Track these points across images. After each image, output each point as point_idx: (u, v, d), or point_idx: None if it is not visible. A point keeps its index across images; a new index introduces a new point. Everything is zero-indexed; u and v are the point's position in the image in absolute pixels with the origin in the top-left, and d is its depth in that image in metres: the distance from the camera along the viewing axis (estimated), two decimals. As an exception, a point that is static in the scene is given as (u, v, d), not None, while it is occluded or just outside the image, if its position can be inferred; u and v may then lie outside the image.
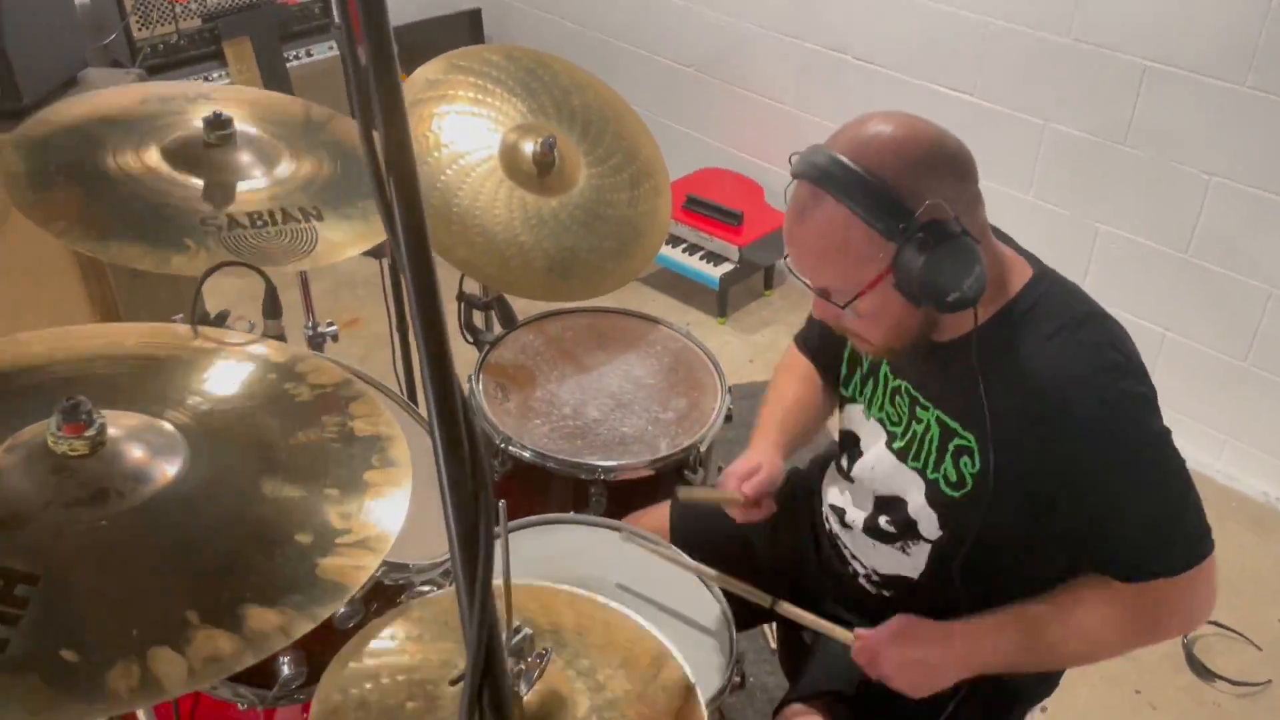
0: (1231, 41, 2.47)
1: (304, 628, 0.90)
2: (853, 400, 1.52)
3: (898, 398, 1.42)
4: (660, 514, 1.73)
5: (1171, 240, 2.75)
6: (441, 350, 0.52)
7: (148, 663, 0.84)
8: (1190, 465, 1.26)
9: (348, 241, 1.56)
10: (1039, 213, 2.97)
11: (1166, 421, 1.25)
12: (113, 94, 1.75)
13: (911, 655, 1.35)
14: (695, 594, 1.52)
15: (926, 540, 1.40)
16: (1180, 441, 1.25)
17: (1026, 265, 1.32)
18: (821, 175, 1.20)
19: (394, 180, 0.53)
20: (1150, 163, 2.71)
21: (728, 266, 3.46)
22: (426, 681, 1.13)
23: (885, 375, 1.44)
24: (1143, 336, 2.98)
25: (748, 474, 1.52)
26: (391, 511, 1.01)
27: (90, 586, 0.90)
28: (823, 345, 1.62)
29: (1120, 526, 1.25)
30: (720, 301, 3.52)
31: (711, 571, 1.51)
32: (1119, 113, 2.72)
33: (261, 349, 1.23)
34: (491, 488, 0.53)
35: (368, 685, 1.12)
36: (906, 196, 1.17)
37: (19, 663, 0.83)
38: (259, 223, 1.53)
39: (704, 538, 1.63)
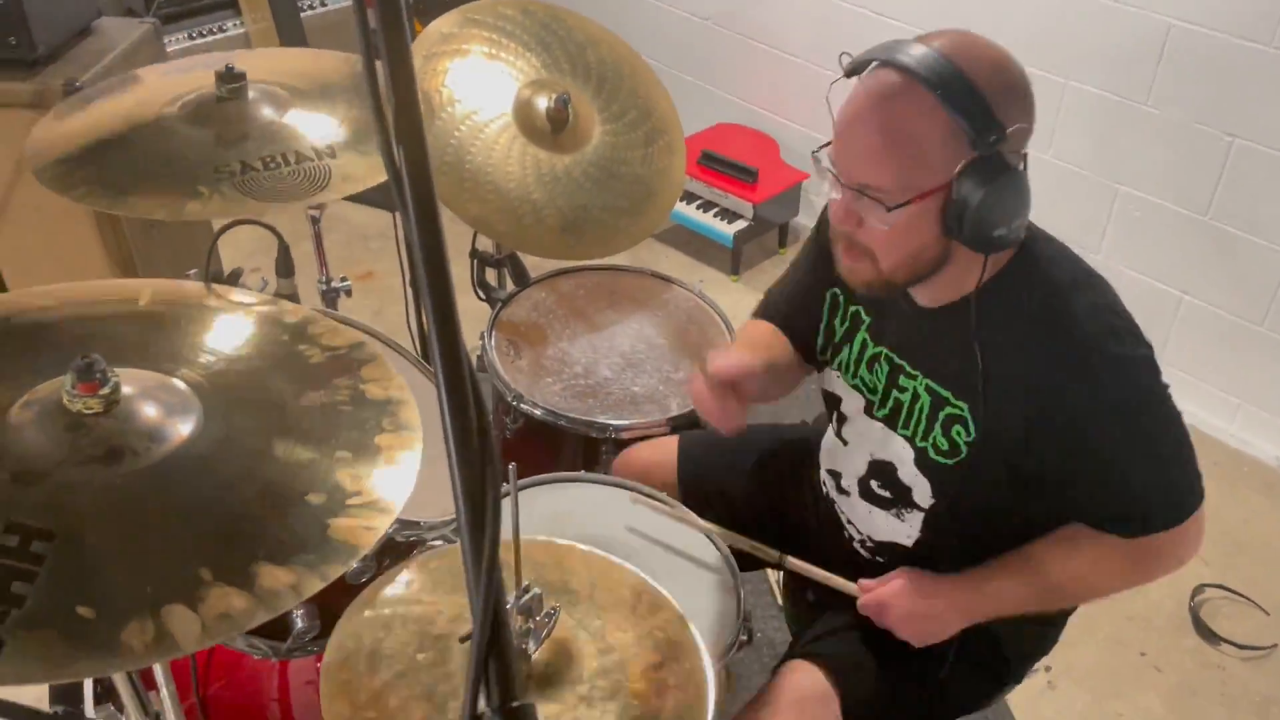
0: (1259, 1, 2.42)
1: (314, 587, 0.91)
2: (828, 364, 1.52)
3: (876, 365, 1.41)
4: (666, 448, 1.73)
5: (1191, 202, 2.72)
6: (452, 334, 0.52)
7: (162, 619, 0.85)
8: (1202, 428, 1.27)
9: (362, 175, 1.56)
10: (1057, 172, 2.94)
11: (1179, 384, 1.25)
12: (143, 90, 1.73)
13: (917, 609, 1.37)
14: (704, 552, 1.54)
15: (920, 508, 1.40)
16: (1192, 405, 1.26)
17: None
18: (919, 65, 1.12)
19: (404, 151, 0.53)
20: (1172, 123, 2.68)
21: (742, 224, 3.44)
22: (439, 634, 1.15)
23: (863, 341, 1.43)
24: (1159, 299, 2.98)
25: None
26: (402, 474, 1.02)
27: (105, 544, 0.91)
28: (793, 312, 1.58)
29: (1120, 490, 1.26)
30: (734, 259, 3.51)
31: (718, 529, 1.52)
32: (1142, 72, 2.67)
33: (275, 309, 1.23)
34: (499, 462, 0.53)
35: (380, 634, 1.15)
36: (997, 112, 1.12)
37: (36, 618, 0.84)
38: (272, 165, 1.52)
39: (710, 498, 1.64)
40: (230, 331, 1.19)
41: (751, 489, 1.68)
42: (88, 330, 1.15)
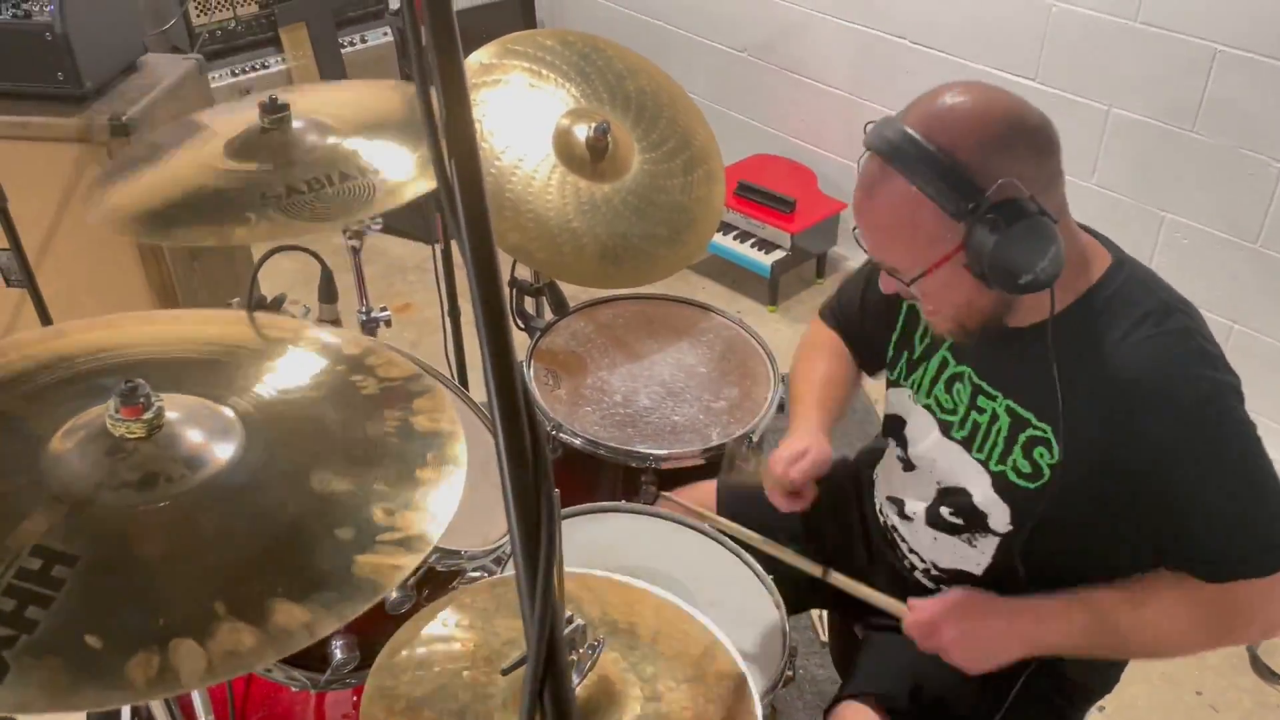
0: (1308, 24, 2.39)
1: (329, 627, 0.88)
2: (897, 384, 1.49)
3: (956, 384, 1.38)
4: (706, 491, 1.71)
5: (1240, 230, 2.67)
6: (504, 344, 0.50)
7: (168, 654, 0.83)
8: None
9: (404, 188, 1.55)
10: (1102, 200, 2.90)
11: None
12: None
13: (972, 628, 1.31)
14: (749, 586, 1.50)
15: (995, 533, 1.36)
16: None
17: (1105, 251, 1.28)
18: (891, 150, 1.17)
19: (455, 163, 0.52)
20: (1219, 150, 2.63)
21: (779, 254, 3.42)
22: (489, 654, 1.13)
23: (944, 359, 1.40)
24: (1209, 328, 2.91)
25: (794, 458, 1.47)
26: (439, 511, 0.99)
27: (125, 571, 0.89)
28: (860, 320, 1.58)
29: (1207, 522, 1.20)
30: (771, 289, 3.49)
31: (758, 537, 1.47)
32: (1187, 98, 2.64)
33: (336, 339, 1.22)
34: (554, 491, 0.51)
35: (438, 646, 1.13)
36: (978, 175, 1.13)
37: (44, 646, 0.82)
38: (316, 185, 1.53)
39: (749, 525, 1.61)
40: (288, 361, 1.18)
41: (793, 523, 1.65)
42: (148, 357, 1.14)
